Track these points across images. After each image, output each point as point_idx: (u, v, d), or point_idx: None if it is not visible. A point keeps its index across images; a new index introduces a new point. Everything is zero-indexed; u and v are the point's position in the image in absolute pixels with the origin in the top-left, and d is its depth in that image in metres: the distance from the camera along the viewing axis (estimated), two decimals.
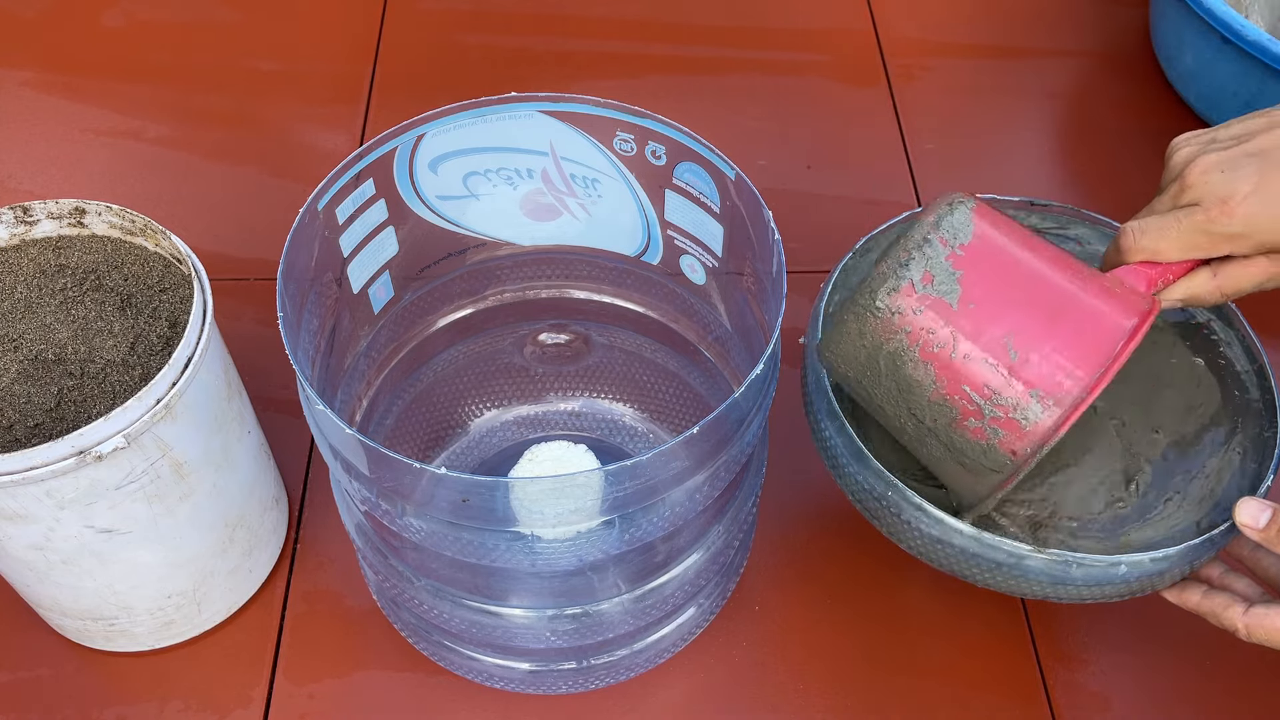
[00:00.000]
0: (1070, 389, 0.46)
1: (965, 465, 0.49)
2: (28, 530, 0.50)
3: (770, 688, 0.61)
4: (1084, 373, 0.46)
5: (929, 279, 0.47)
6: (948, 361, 0.47)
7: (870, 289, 0.48)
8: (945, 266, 0.47)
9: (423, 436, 0.66)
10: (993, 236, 0.48)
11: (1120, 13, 0.97)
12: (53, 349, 0.52)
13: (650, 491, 0.46)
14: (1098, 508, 0.54)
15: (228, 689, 0.60)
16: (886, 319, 0.48)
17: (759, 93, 0.91)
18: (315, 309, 0.52)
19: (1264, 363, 0.57)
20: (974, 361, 0.47)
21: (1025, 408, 0.46)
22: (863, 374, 0.50)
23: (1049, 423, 0.46)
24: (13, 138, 0.85)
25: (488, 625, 0.54)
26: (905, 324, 0.48)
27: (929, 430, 0.49)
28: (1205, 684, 0.61)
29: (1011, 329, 0.47)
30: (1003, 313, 0.47)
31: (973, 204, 0.49)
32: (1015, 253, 0.49)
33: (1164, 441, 0.56)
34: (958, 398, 0.47)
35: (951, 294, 0.47)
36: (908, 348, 0.48)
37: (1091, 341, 0.47)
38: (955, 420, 0.48)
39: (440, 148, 0.55)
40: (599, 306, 0.64)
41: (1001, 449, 0.47)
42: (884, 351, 0.48)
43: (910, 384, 0.48)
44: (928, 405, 0.48)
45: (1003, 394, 0.46)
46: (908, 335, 0.48)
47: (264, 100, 0.89)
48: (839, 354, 0.50)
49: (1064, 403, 0.46)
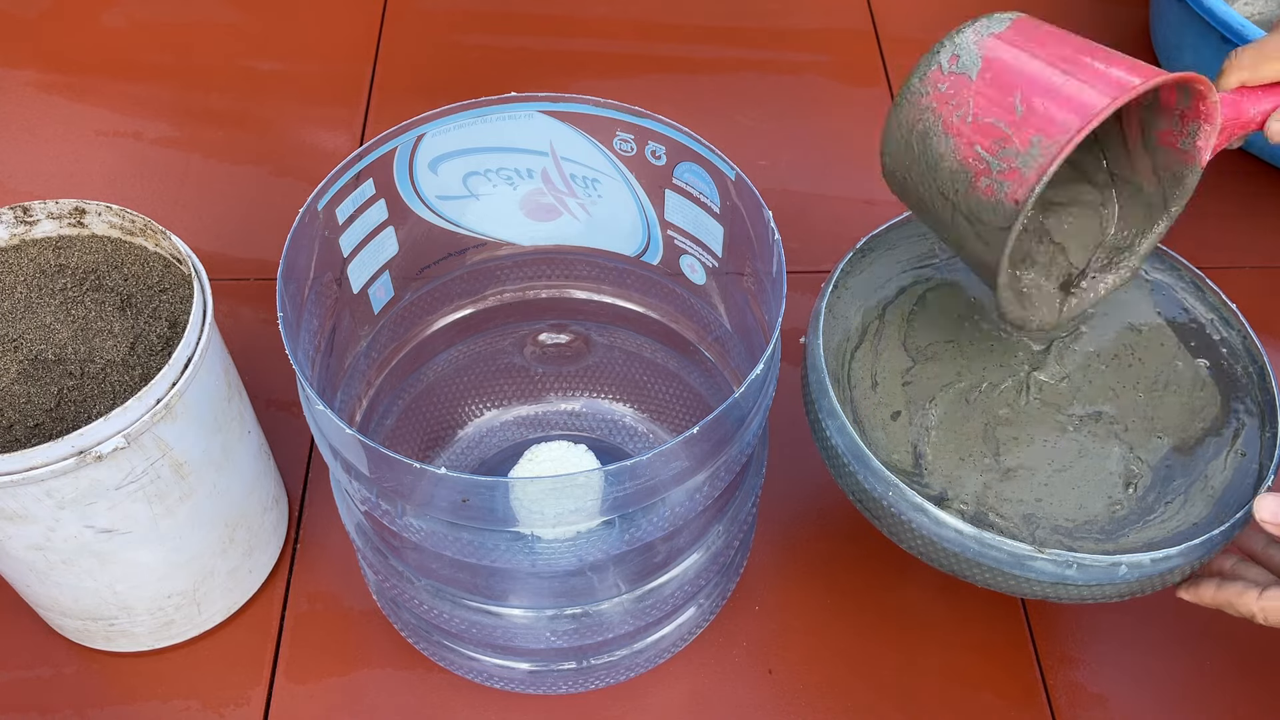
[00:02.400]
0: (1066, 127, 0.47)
1: (982, 236, 0.50)
2: (28, 530, 0.50)
3: (770, 688, 0.61)
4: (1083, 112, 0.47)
5: (954, 59, 0.50)
6: (962, 127, 0.49)
7: (906, 80, 0.51)
8: (971, 49, 0.50)
9: (423, 436, 0.66)
10: (1025, 25, 0.50)
11: (1120, 13, 0.97)
12: (53, 349, 0.52)
13: (650, 491, 0.46)
14: (1096, 510, 0.54)
15: (228, 689, 0.60)
16: (917, 100, 0.50)
17: (759, 93, 0.91)
18: (315, 309, 0.52)
19: (1264, 363, 0.57)
20: (984, 120, 0.49)
21: (1025, 154, 0.47)
22: (906, 166, 0.52)
23: (1043, 161, 0.47)
24: (13, 138, 0.85)
25: (488, 625, 0.54)
26: (931, 101, 0.50)
27: (955, 207, 0.51)
28: (1205, 684, 0.61)
29: (1023, 89, 0.48)
30: (1017, 78, 0.49)
31: (1020, 15, 0.51)
32: (1043, 36, 0.50)
33: (1166, 445, 0.56)
34: (971, 159, 0.49)
35: (973, 69, 0.49)
36: (933, 123, 0.50)
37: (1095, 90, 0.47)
38: (970, 183, 0.49)
39: (440, 148, 0.55)
40: (599, 306, 0.64)
41: (1007, 201, 0.48)
42: (915, 133, 0.51)
43: (936, 158, 0.50)
44: (949, 176, 0.50)
45: (1006, 146, 0.48)
46: (932, 112, 0.50)
47: (264, 100, 0.89)
48: (889, 152, 0.52)
49: (1059, 141, 0.47)
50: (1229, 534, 0.51)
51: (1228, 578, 0.52)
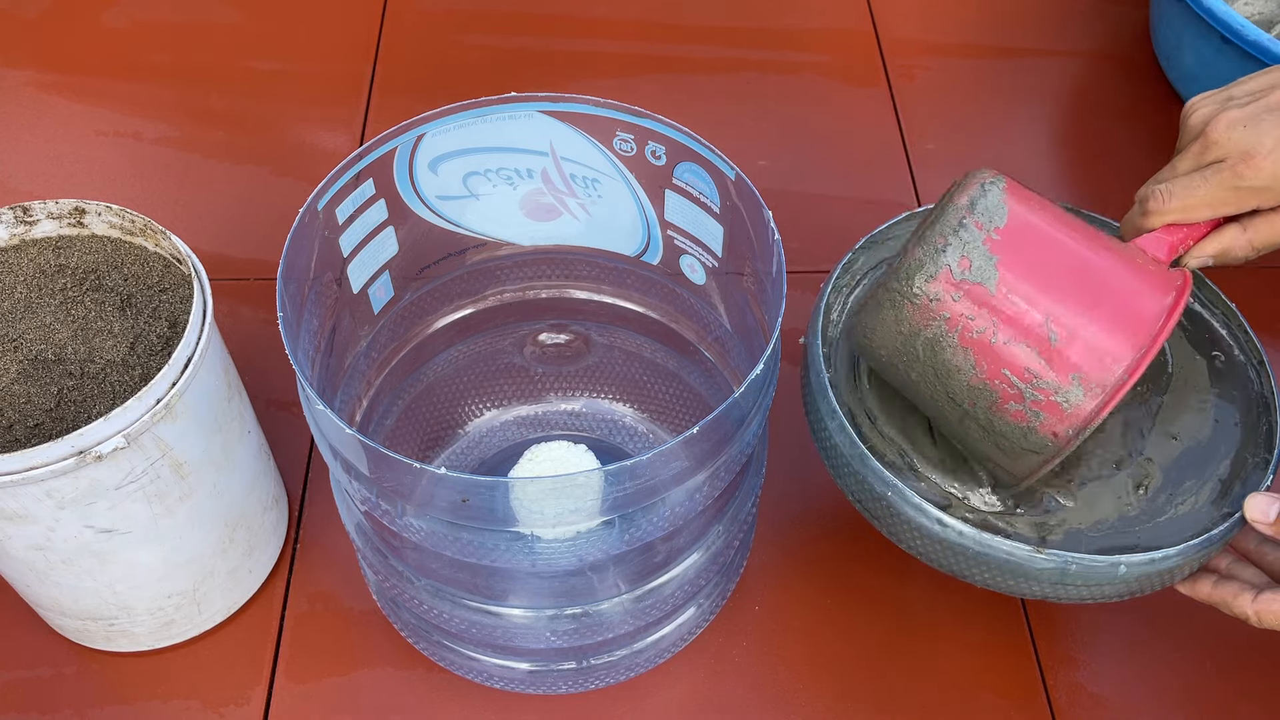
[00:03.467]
0: (1112, 369, 0.46)
1: (1002, 448, 0.50)
2: (28, 530, 0.50)
3: (770, 687, 0.61)
4: (1126, 353, 0.47)
5: (966, 264, 0.47)
6: (988, 346, 0.47)
7: (907, 275, 0.48)
8: (983, 251, 0.47)
9: (423, 436, 0.66)
10: (1027, 218, 0.49)
11: (1120, 13, 0.97)
12: (53, 349, 0.52)
13: (650, 491, 0.46)
14: (1105, 513, 0.54)
15: (228, 689, 0.60)
16: (924, 305, 0.48)
17: (759, 93, 0.91)
18: (315, 309, 0.52)
19: (1264, 363, 0.57)
20: (1014, 346, 0.47)
21: (1066, 390, 0.47)
22: (898, 358, 0.50)
23: (1091, 405, 0.47)
24: (13, 138, 0.85)
25: (488, 625, 0.54)
26: (944, 310, 0.48)
27: (967, 413, 0.50)
28: (1205, 684, 0.61)
29: (1050, 312, 0.47)
30: (1041, 296, 0.47)
31: (1004, 183, 0.49)
32: (1050, 233, 0.49)
33: (1180, 447, 0.55)
34: (998, 382, 0.48)
35: (990, 279, 0.47)
36: (946, 333, 0.48)
37: (1131, 321, 0.47)
38: (995, 404, 0.48)
39: (440, 148, 0.55)
40: (599, 306, 0.64)
41: (1042, 431, 0.48)
42: (922, 338, 0.49)
43: (949, 369, 0.49)
44: (967, 389, 0.49)
45: (1043, 377, 0.47)
46: (946, 321, 0.48)
47: (264, 100, 0.89)
48: (874, 339, 0.51)
49: (1106, 384, 0.46)
50: (1229, 533, 0.51)
51: (1224, 576, 0.53)
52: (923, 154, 0.86)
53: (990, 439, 0.50)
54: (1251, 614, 0.50)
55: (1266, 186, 0.50)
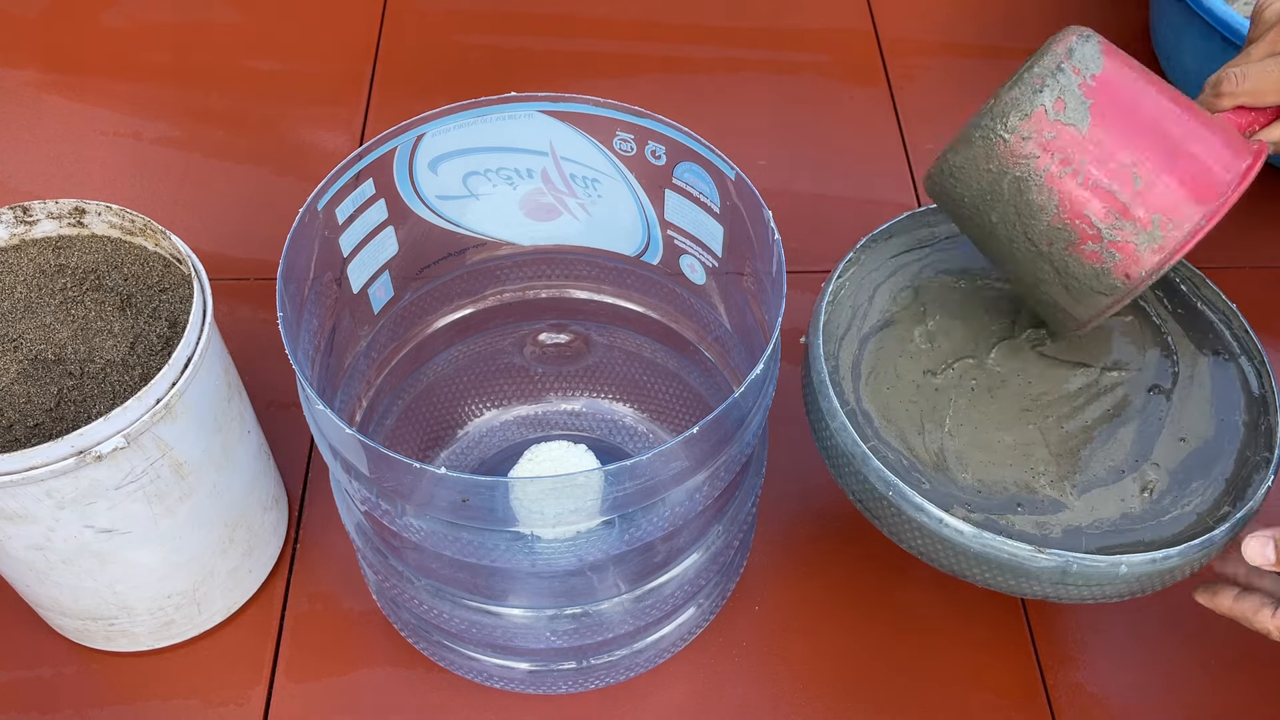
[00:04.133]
0: (1191, 215, 0.48)
1: (1071, 289, 0.50)
2: (28, 530, 0.50)
3: (770, 687, 0.61)
4: (1204, 202, 0.48)
5: (1061, 106, 0.48)
6: (1074, 187, 0.49)
7: (1002, 113, 0.49)
8: (1078, 95, 0.48)
9: (423, 436, 0.66)
10: (1121, 69, 0.50)
11: (1120, 13, 0.97)
12: (53, 349, 0.52)
13: (650, 491, 0.46)
14: (1108, 512, 0.54)
15: (228, 689, 0.60)
16: (1016, 144, 0.49)
17: (759, 93, 0.91)
18: (315, 309, 0.52)
19: (1264, 362, 0.57)
20: (1100, 187, 0.48)
21: (1145, 233, 0.48)
22: (981, 199, 0.51)
23: (1169, 247, 0.48)
24: (13, 138, 0.85)
25: (488, 625, 0.54)
26: (1035, 149, 0.49)
27: (1042, 254, 0.50)
28: (1205, 685, 0.61)
29: (1137, 158, 0.48)
30: (1129, 142, 0.49)
31: (1099, 38, 0.51)
32: (1142, 86, 0.50)
33: (1187, 449, 0.55)
34: (1079, 222, 0.49)
35: (1082, 121, 0.48)
36: (1035, 172, 0.49)
37: (1211, 173, 0.49)
38: (1073, 244, 0.49)
39: (440, 148, 0.55)
40: (599, 306, 0.64)
41: (1116, 273, 0.49)
42: (1010, 176, 0.50)
43: (1033, 209, 0.50)
44: (1047, 229, 0.50)
45: (1124, 218, 0.48)
46: (1035, 161, 0.49)
47: (264, 100, 0.89)
48: (960, 180, 0.51)
49: (1182, 228, 0.48)
50: (1229, 534, 0.51)
51: (1244, 589, 0.53)
52: (923, 154, 0.86)
53: (1061, 281, 0.51)
54: (1274, 629, 0.51)
55: None
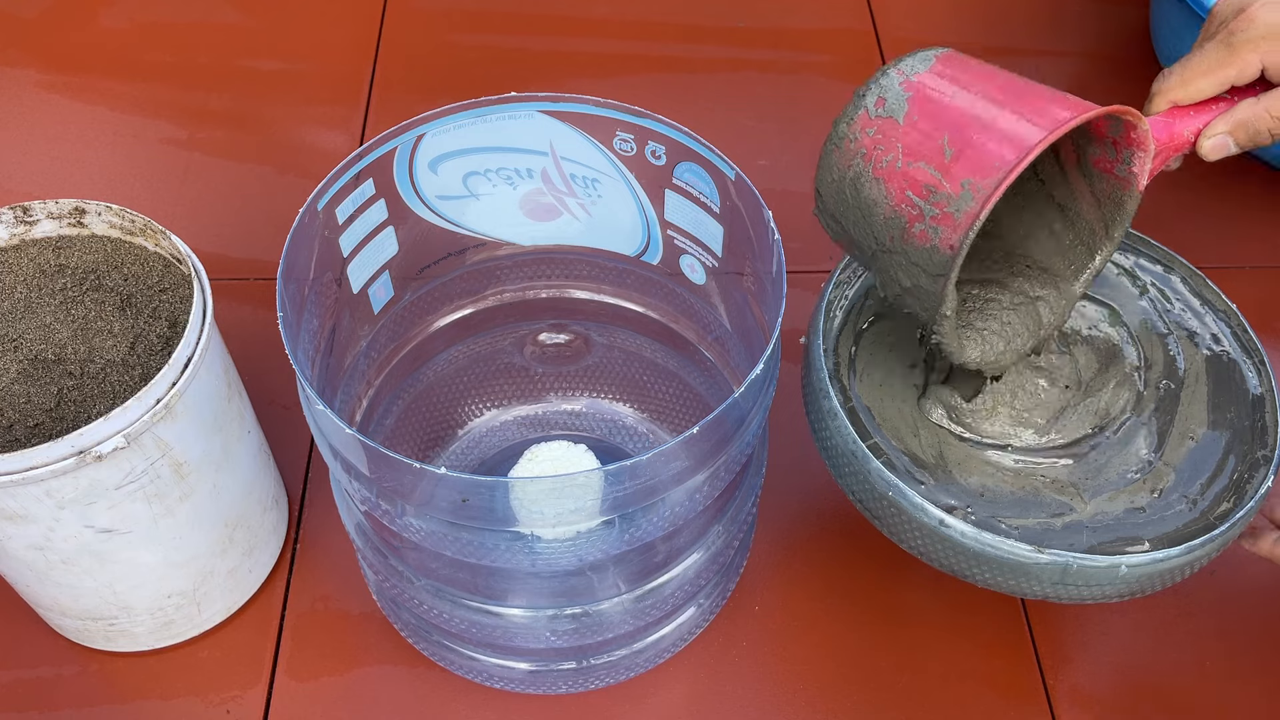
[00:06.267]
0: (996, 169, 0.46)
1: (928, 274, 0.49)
2: (28, 530, 0.50)
3: (770, 687, 0.61)
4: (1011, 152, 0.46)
5: (881, 103, 0.49)
6: (894, 172, 0.48)
7: (835, 123, 0.50)
8: (897, 90, 0.49)
9: (423, 436, 0.66)
10: (950, 63, 0.50)
11: (1120, 13, 0.98)
12: (53, 349, 0.52)
13: (650, 491, 0.46)
14: (1115, 509, 0.54)
15: (228, 689, 0.60)
16: (846, 145, 0.50)
17: (759, 93, 0.91)
18: (315, 309, 0.52)
19: (1265, 362, 0.57)
20: (914, 166, 0.48)
21: (956, 199, 0.47)
22: (840, 210, 0.51)
23: (976, 206, 0.46)
24: (13, 138, 0.85)
25: (488, 625, 0.54)
26: (860, 146, 0.49)
27: (890, 250, 0.50)
28: (1205, 685, 0.61)
29: (949, 131, 0.47)
30: (944, 120, 0.48)
31: (944, 50, 0.50)
32: (969, 73, 0.49)
33: (1190, 447, 0.55)
34: (904, 206, 0.48)
35: (899, 111, 0.49)
36: (864, 168, 0.49)
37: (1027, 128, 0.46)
38: (905, 230, 0.49)
39: (440, 148, 0.55)
40: (599, 306, 0.64)
41: (942, 248, 0.48)
42: (847, 178, 0.50)
43: (869, 204, 0.50)
44: (883, 222, 0.49)
45: (938, 190, 0.47)
46: (863, 157, 0.49)
47: (264, 100, 0.89)
48: (824, 198, 0.52)
49: (989, 184, 0.46)
50: (1233, 529, 0.51)
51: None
52: None
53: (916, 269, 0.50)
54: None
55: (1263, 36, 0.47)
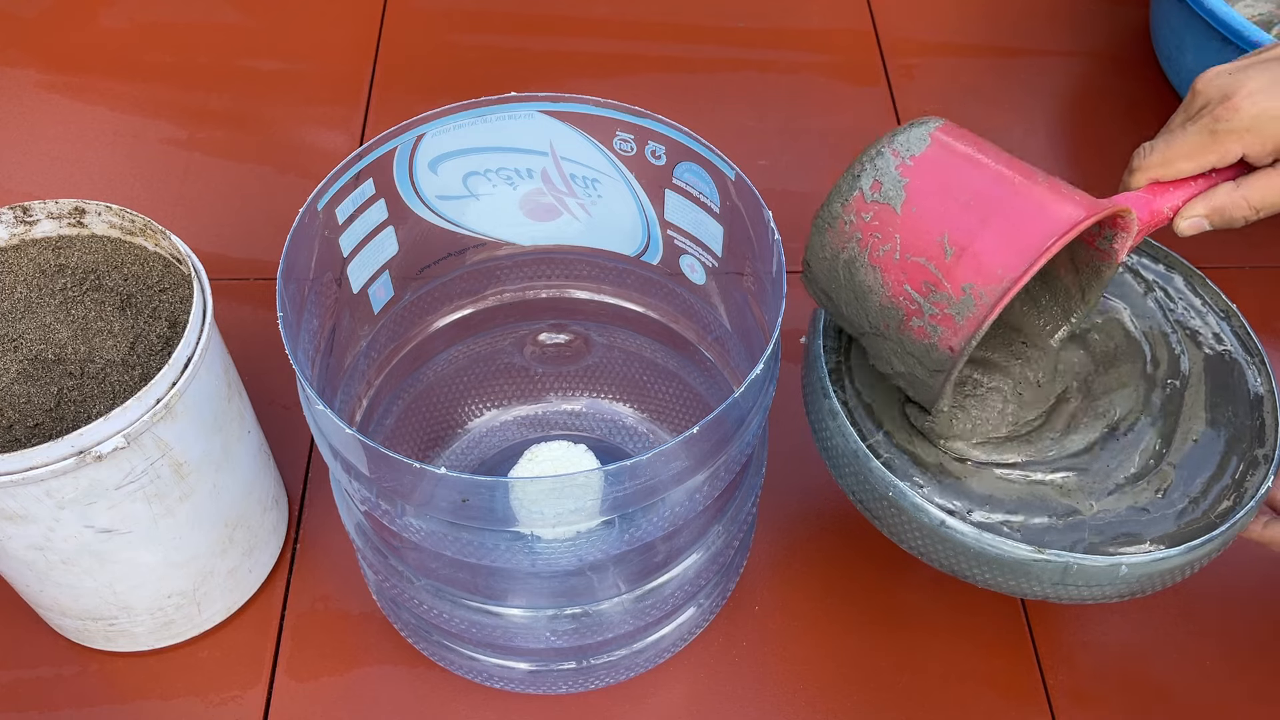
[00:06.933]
0: (1000, 279, 0.46)
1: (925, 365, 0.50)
2: (28, 530, 0.50)
3: (770, 687, 0.61)
4: (1016, 262, 0.46)
5: (877, 187, 0.49)
6: (891, 263, 0.48)
7: (828, 201, 0.50)
8: (894, 175, 0.49)
9: (423, 436, 0.66)
10: (946, 146, 0.49)
11: (1120, 13, 0.98)
12: (53, 349, 0.52)
13: (650, 491, 0.46)
14: (1118, 507, 0.54)
15: (228, 689, 0.60)
16: (840, 228, 0.50)
17: (759, 93, 0.91)
18: (315, 309, 0.52)
19: (1265, 362, 0.57)
20: (913, 261, 0.48)
21: (958, 303, 0.47)
22: (831, 286, 0.51)
23: (979, 315, 0.46)
24: (13, 138, 0.85)
25: (488, 625, 0.54)
26: (856, 230, 0.49)
27: (884, 335, 0.50)
28: (1205, 685, 0.61)
29: (949, 228, 0.47)
30: (943, 214, 0.48)
31: (938, 124, 0.50)
32: (966, 159, 0.49)
33: (1192, 447, 0.55)
34: (902, 299, 0.48)
35: (896, 200, 0.48)
36: (859, 253, 0.49)
37: (1028, 233, 0.46)
38: (902, 322, 0.49)
39: (440, 148, 0.55)
40: (599, 306, 0.64)
41: (941, 347, 0.48)
42: (841, 260, 0.50)
43: (863, 289, 0.50)
44: (879, 310, 0.49)
45: (938, 290, 0.47)
46: (858, 242, 0.49)
47: (264, 100, 0.89)
48: (814, 271, 0.52)
49: (993, 294, 0.46)
50: (1234, 527, 0.51)
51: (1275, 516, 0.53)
52: None
53: (911, 359, 0.50)
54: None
55: (1246, 128, 0.48)
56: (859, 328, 0.52)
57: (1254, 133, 0.49)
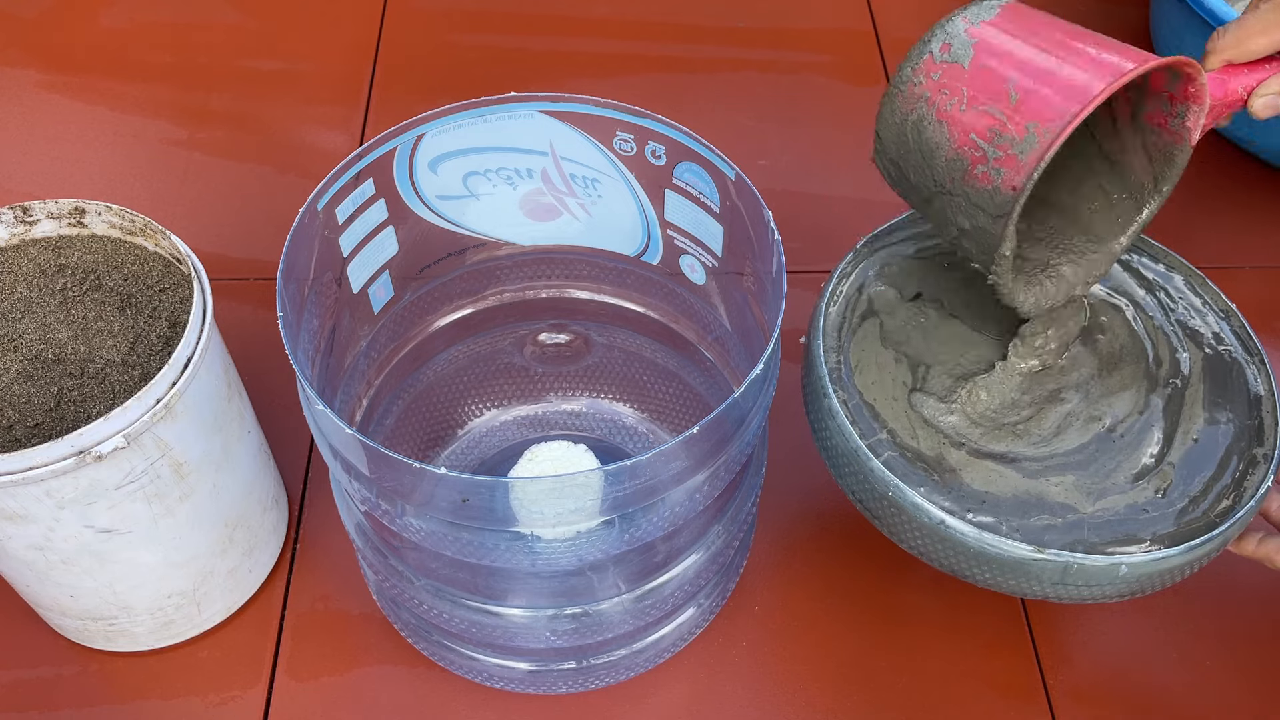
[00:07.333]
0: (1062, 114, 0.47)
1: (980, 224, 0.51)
2: (28, 530, 0.50)
3: (770, 687, 0.61)
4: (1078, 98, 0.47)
5: (946, 49, 0.50)
6: (957, 115, 0.49)
7: (899, 69, 0.51)
8: (962, 37, 0.50)
9: (423, 436, 0.66)
10: (1015, 12, 0.50)
11: (1120, 13, 0.98)
12: (53, 349, 0.52)
13: (650, 491, 0.46)
14: (1118, 510, 0.54)
15: (228, 689, 0.60)
16: (909, 90, 0.51)
17: (759, 93, 0.91)
18: (315, 309, 0.52)
19: (1265, 362, 0.57)
20: (979, 108, 0.49)
21: (1020, 142, 0.48)
22: (901, 156, 0.52)
23: (1041, 147, 0.47)
24: (13, 138, 0.85)
25: (488, 625, 0.54)
26: (925, 90, 0.50)
27: (951, 192, 0.51)
28: (1205, 685, 0.61)
29: (1014, 77, 0.48)
30: (1010, 65, 0.49)
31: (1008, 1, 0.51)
32: (1035, 22, 0.50)
33: (1192, 447, 0.55)
34: (967, 148, 0.49)
35: (965, 57, 0.50)
36: (927, 111, 0.50)
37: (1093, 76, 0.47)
38: (967, 171, 0.50)
39: (440, 148, 0.55)
40: (599, 306, 0.64)
41: (1004, 189, 0.49)
42: (909, 122, 0.51)
43: (931, 148, 0.50)
44: (945, 165, 0.50)
45: (1002, 133, 0.48)
46: (926, 101, 0.50)
47: (264, 100, 0.89)
48: (885, 143, 0.53)
49: (1055, 127, 0.47)
50: (1235, 527, 0.51)
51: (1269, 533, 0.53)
52: None
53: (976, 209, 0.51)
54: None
55: None
56: (925, 191, 0.52)
57: None
